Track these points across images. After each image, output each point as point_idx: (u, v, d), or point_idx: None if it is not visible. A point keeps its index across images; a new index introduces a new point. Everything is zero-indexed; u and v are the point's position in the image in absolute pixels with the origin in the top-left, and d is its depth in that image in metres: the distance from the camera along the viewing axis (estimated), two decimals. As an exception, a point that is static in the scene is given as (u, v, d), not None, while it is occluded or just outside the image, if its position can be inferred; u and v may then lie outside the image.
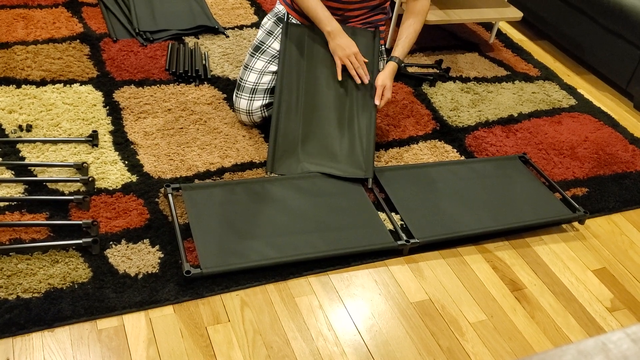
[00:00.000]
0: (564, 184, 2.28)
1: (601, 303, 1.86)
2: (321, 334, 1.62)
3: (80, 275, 1.65)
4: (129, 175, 1.99)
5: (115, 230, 1.79)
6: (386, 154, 2.27)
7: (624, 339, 0.71)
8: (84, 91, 2.32)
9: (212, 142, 2.18)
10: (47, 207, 1.83)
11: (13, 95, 2.25)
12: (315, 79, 2.16)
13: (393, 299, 1.75)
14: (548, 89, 2.85)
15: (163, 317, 1.60)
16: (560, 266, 1.95)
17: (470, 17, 2.95)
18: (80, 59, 2.50)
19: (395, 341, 1.64)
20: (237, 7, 3.06)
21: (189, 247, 1.77)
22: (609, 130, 2.62)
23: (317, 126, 2.14)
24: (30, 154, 2.01)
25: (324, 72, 2.16)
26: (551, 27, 3.23)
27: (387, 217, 1.97)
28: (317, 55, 2.17)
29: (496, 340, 1.69)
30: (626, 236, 2.12)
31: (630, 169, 2.42)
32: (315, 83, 2.16)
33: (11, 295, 1.57)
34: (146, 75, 2.46)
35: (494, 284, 1.85)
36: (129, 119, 2.22)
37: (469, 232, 1.96)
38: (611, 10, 2.85)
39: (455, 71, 2.86)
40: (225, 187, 1.97)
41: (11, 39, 2.55)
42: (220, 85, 2.48)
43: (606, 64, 2.97)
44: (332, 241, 1.85)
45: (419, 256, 1.90)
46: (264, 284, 1.73)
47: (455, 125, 2.49)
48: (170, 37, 2.72)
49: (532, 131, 2.53)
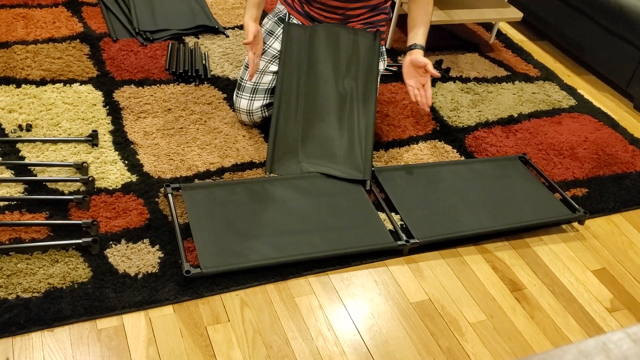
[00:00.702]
0: (563, 184, 2.28)
1: (601, 303, 1.86)
2: (321, 334, 1.62)
3: (80, 275, 1.65)
4: (128, 175, 1.99)
5: (115, 230, 1.79)
6: (386, 154, 2.27)
7: (625, 339, 0.71)
8: (83, 91, 2.32)
9: (212, 142, 2.18)
10: (47, 207, 1.83)
11: (13, 94, 2.24)
12: (316, 79, 2.16)
13: (393, 299, 1.75)
14: (548, 89, 2.86)
15: (163, 316, 1.60)
16: (560, 266, 1.95)
17: (470, 17, 2.95)
18: (80, 58, 2.49)
19: (395, 341, 1.64)
20: (237, 7, 3.06)
21: (189, 247, 1.76)
22: (609, 130, 2.62)
23: (316, 127, 2.13)
24: (30, 154, 2.01)
25: (325, 72, 2.16)
26: (551, 28, 3.23)
27: (387, 217, 1.97)
28: (317, 55, 2.17)
29: (496, 341, 1.69)
30: (626, 237, 2.12)
31: (630, 170, 2.42)
32: (316, 84, 2.16)
33: (11, 294, 1.57)
34: (146, 75, 2.46)
35: (493, 284, 1.85)
36: (129, 119, 2.22)
37: (469, 233, 1.96)
38: (611, 10, 2.85)
39: (455, 71, 2.86)
40: (225, 187, 1.97)
41: (11, 38, 2.55)
42: (220, 85, 2.48)
43: (606, 64, 2.97)
44: (332, 241, 1.85)
45: (418, 256, 1.90)
46: (264, 283, 1.73)
47: (455, 126, 2.49)
48: (170, 37, 2.72)
49: (532, 131, 2.53)
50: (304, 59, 2.17)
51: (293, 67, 2.16)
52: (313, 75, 2.16)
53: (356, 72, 2.18)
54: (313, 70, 2.16)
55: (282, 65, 2.15)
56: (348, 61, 2.18)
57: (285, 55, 2.16)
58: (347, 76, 2.15)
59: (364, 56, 2.14)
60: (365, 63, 2.19)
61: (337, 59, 2.18)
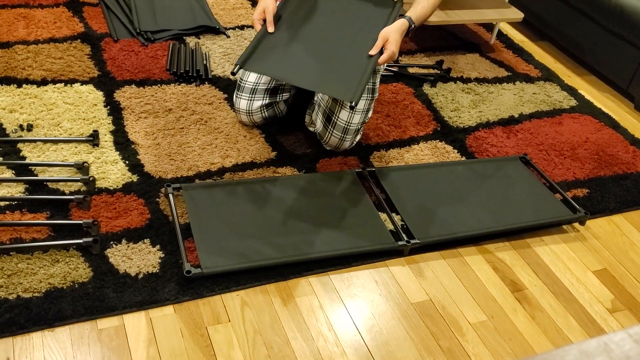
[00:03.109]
0: (564, 184, 2.28)
1: (602, 304, 1.86)
2: (321, 334, 1.62)
3: (81, 275, 1.65)
4: (129, 175, 1.99)
5: (115, 230, 1.79)
6: (387, 154, 2.27)
7: (626, 340, 0.71)
8: (84, 91, 2.32)
9: (213, 142, 2.18)
10: (48, 207, 1.83)
11: (14, 94, 2.24)
12: (317, 24, 2.02)
13: (393, 299, 1.75)
14: (549, 89, 2.85)
15: (163, 317, 1.60)
16: (560, 267, 1.95)
17: (471, 17, 2.95)
18: (81, 58, 2.50)
19: (395, 342, 1.64)
20: (237, 7, 3.06)
21: (190, 247, 1.76)
22: (610, 131, 2.62)
23: (311, 45, 1.95)
24: (30, 154, 2.01)
25: (328, 23, 2.03)
26: (552, 28, 3.23)
27: (388, 218, 1.97)
28: (320, 13, 2.07)
29: (496, 341, 1.69)
30: (627, 237, 2.12)
31: (630, 170, 2.42)
32: (317, 28, 2.01)
33: (11, 294, 1.57)
34: (147, 75, 2.46)
35: (494, 284, 1.85)
36: (130, 119, 2.22)
37: (470, 233, 1.96)
38: (612, 11, 2.85)
39: (456, 72, 2.86)
40: (226, 187, 1.97)
41: (12, 38, 2.55)
42: (221, 85, 2.48)
43: (607, 65, 2.97)
44: (333, 241, 1.85)
45: (419, 257, 1.90)
46: (265, 284, 1.73)
47: (456, 126, 2.49)
48: (171, 37, 2.72)
49: (533, 132, 2.53)
50: (307, 11, 2.05)
51: (292, 14, 2.03)
52: (314, 22, 2.03)
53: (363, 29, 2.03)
54: (314, 19, 2.03)
55: (281, 10, 2.01)
56: (355, 20, 2.06)
57: (284, 6, 2.04)
58: (352, 29, 2.01)
59: (373, 19, 2.01)
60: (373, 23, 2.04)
61: (343, 20, 2.06)
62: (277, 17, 1.99)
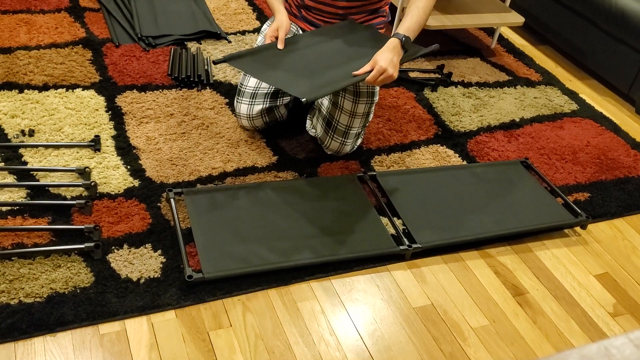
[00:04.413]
0: (565, 188, 2.28)
1: (603, 308, 1.85)
2: (323, 339, 1.62)
3: (83, 280, 1.65)
4: (131, 180, 1.99)
5: (117, 234, 1.79)
6: (388, 159, 2.27)
7: (627, 344, 0.71)
8: (86, 96, 2.33)
9: (215, 146, 2.18)
10: (50, 212, 1.83)
11: (16, 100, 2.25)
12: (318, 50, 2.04)
13: (395, 304, 1.75)
14: (550, 94, 2.86)
15: (165, 321, 1.60)
16: (562, 271, 1.95)
17: (471, 22, 2.95)
18: (82, 64, 2.50)
19: (397, 346, 1.64)
20: (239, 13, 3.06)
21: (191, 251, 1.77)
22: (611, 135, 2.62)
23: (303, 62, 1.97)
24: (32, 159, 2.01)
25: (328, 50, 2.05)
26: (553, 32, 3.23)
27: (389, 222, 1.97)
28: (312, 39, 2.09)
29: (498, 346, 1.68)
30: (628, 241, 2.12)
31: (632, 174, 2.41)
32: (315, 53, 2.03)
33: (13, 299, 1.57)
34: (148, 80, 2.47)
35: (496, 289, 1.85)
36: (131, 124, 2.23)
37: (471, 237, 1.96)
38: (613, 15, 2.85)
39: (457, 76, 2.86)
40: (227, 191, 1.98)
41: (14, 44, 2.56)
42: (222, 90, 2.48)
43: (608, 69, 2.97)
44: (334, 246, 1.85)
45: (421, 261, 1.90)
46: (266, 288, 1.73)
47: (457, 130, 2.49)
48: (172, 42, 2.73)
49: (534, 136, 2.53)
50: (316, 41, 2.08)
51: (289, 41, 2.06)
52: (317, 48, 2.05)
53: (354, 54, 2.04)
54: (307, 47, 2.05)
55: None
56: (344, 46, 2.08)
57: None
58: (348, 56, 2.02)
59: (362, 43, 2.06)
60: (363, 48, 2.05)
61: (332, 45, 2.07)
62: (288, 39, 2.04)
